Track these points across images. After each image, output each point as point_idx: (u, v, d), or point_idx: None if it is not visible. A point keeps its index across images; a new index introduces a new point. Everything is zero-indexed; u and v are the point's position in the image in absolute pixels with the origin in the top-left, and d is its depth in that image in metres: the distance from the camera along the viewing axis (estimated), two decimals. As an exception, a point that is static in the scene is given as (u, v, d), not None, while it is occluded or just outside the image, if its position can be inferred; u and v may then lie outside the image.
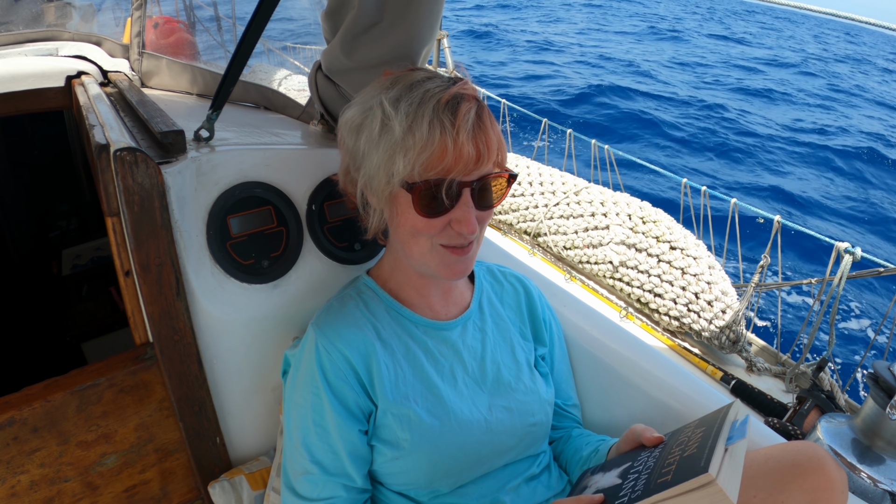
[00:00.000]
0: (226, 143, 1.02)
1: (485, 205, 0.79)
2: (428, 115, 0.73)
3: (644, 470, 0.68)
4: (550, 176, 2.97)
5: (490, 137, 0.76)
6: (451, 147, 0.73)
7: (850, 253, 1.93)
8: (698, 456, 0.62)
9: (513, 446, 0.86)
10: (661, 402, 1.00)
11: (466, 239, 0.79)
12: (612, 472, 0.73)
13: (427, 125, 0.73)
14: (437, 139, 0.73)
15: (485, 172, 0.77)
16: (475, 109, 0.76)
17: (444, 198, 0.75)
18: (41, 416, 0.87)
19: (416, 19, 0.89)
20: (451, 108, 0.74)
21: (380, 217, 0.84)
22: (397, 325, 0.88)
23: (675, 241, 2.41)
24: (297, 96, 1.52)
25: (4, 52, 1.86)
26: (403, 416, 0.80)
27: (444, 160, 0.73)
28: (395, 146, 0.75)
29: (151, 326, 0.91)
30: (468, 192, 0.76)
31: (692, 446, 0.65)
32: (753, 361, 2.18)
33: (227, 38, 2.62)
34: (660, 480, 0.62)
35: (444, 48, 3.90)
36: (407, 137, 0.74)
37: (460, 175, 0.75)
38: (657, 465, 0.67)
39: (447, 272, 0.81)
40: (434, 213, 0.76)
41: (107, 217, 0.87)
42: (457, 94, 0.76)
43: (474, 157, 0.74)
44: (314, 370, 0.81)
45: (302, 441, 0.80)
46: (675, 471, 0.62)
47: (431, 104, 0.74)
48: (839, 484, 0.77)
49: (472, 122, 0.74)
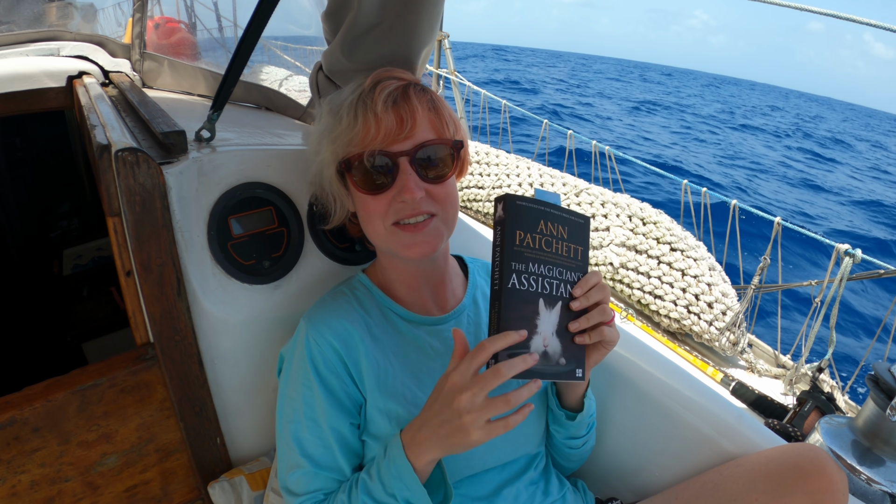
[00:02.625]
0: (227, 143, 1.02)
1: (432, 176, 0.80)
2: (352, 101, 0.80)
3: (559, 275, 0.75)
4: (551, 177, 2.97)
5: (414, 106, 0.78)
6: (372, 121, 0.77)
7: (851, 255, 1.93)
8: (573, 224, 0.77)
9: (504, 443, 0.86)
10: (660, 401, 1.00)
11: (414, 209, 0.79)
12: (542, 320, 0.73)
13: (352, 109, 0.79)
14: (360, 118, 0.78)
15: (419, 141, 0.78)
16: (400, 86, 0.80)
17: (381, 171, 0.79)
18: (42, 415, 0.87)
19: (417, 20, 0.89)
20: (371, 89, 0.80)
21: (341, 207, 0.89)
22: (388, 321, 0.88)
23: (675, 242, 2.42)
24: (299, 97, 1.52)
25: (6, 52, 1.86)
26: (392, 412, 0.80)
27: (367, 135, 0.78)
28: (328, 135, 0.82)
29: (152, 326, 0.92)
30: (406, 162, 0.78)
31: (559, 231, 0.75)
32: (754, 363, 2.18)
33: (228, 37, 2.62)
34: (579, 256, 0.78)
35: (444, 49, 3.90)
36: (335, 125, 0.81)
37: (388, 145, 0.78)
38: (561, 263, 0.75)
39: (407, 252, 0.81)
40: (376, 188, 0.79)
41: (108, 217, 0.87)
42: (380, 77, 0.82)
43: (395, 124, 0.77)
44: (305, 362, 0.81)
45: (293, 435, 0.81)
46: (576, 242, 0.77)
47: (358, 91, 0.81)
48: (840, 486, 0.77)
49: (391, 95, 0.78)
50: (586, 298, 0.74)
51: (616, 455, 1.08)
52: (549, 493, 0.90)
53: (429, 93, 0.82)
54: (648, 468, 1.04)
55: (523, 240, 0.72)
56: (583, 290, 0.75)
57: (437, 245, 0.82)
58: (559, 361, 0.73)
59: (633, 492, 1.05)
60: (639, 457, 1.05)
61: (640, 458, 1.05)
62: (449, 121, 0.82)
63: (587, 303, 0.74)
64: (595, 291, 0.75)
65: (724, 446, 0.93)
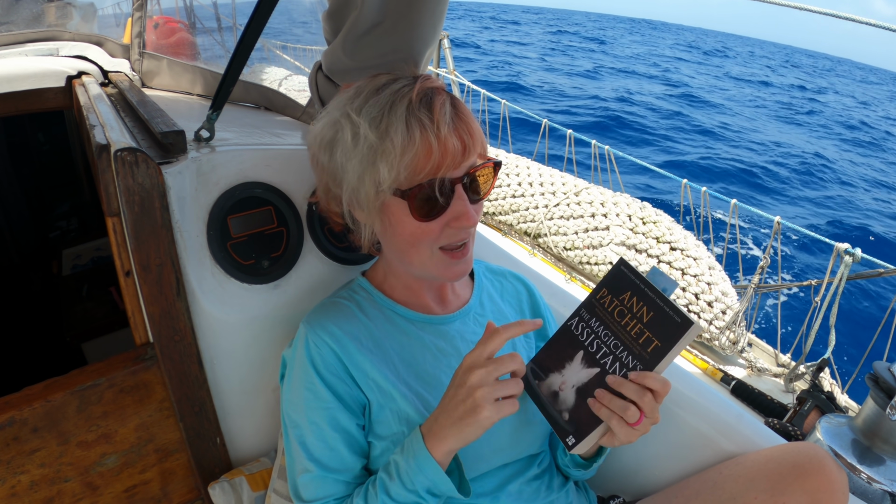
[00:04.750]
0: (226, 143, 1.02)
1: (476, 197, 0.79)
2: (402, 116, 0.71)
3: (614, 349, 0.73)
4: (551, 177, 2.97)
5: (472, 126, 0.74)
6: (436, 143, 0.70)
7: (851, 254, 1.93)
8: (664, 316, 0.70)
9: (509, 444, 0.86)
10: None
11: (466, 234, 0.79)
12: (572, 368, 0.76)
13: (404, 126, 0.70)
14: (419, 138, 0.70)
15: (471, 164, 0.76)
16: (449, 101, 0.74)
17: (438, 197, 0.74)
18: (41, 416, 0.87)
19: (419, 20, 0.89)
20: (425, 105, 0.72)
21: (370, 232, 0.83)
22: (391, 323, 0.88)
23: (675, 241, 2.42)
24: (298, 96, 1.52)
25: (5, 52, 1.86)
26: (397, 413, 0.80)
27: (430, 159, 0.71)
28: (374, 154, 0.72)
29: (152, 326, 0.91)
30: (461, 188, 0.75)
31: (641, 312, 0.72)
32: (753, 362, 2.18)
33: (228, 37, 2.62)
34: (649, 349, 0.70)
35: (444, 49, 3.90)
36: (385, 142, 0.71)
37: (450, 171, 0.73)
38: (623, 341, 0.72)
39: (448, 274, 0.81)
40: (431, 215, 0.75)
41: (107, 217, 0.87)
42: (426, 88, 0.73)
43: (461, 149, 0.72)
44: (306, 366, 0.81)
45: (299, 440, 0.80)
46: (656, 336, 0.70)
47: (404, 104, 0.72)
48: (840, 485, 0.77)
49: (449, 115, 0.72)
50: (622, 386, 0.70)
51: (617, 454, 1.08)
52: (551, 490, 0.90)
53: (465, 105, 0.77)
54: (649, 467, 1.04)
55: (603, 297, 0.76)
56: (620, 382, 0.70)
57: (471, 265, 0.83)
58: (563, 414, 0.75)
59: (634, 490, 1.05)
60: (639, 455, 1.05)
61: (640, 456, 1.05)
62: (483, 136, 0.78)
63: (620, 388, 0.70)
64: (637, 390, 0.69)
65: (723, 445, 0.93)
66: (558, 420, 0.75)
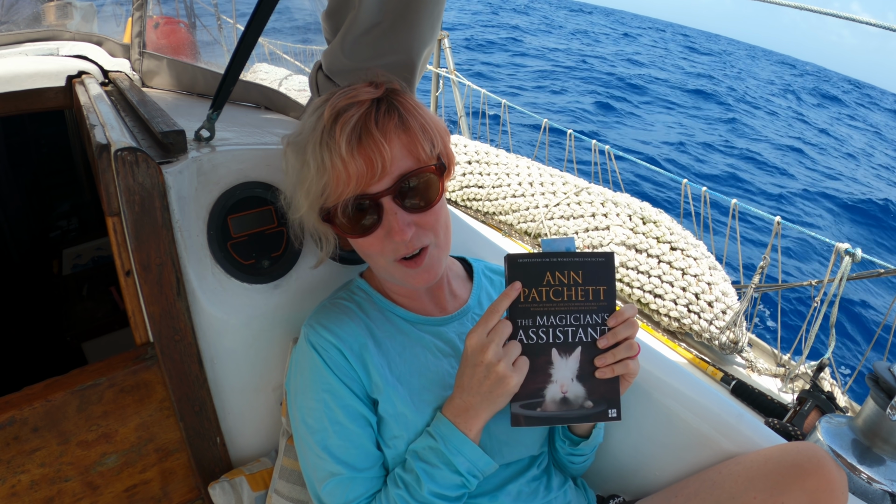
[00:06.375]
0: (226, 142, 1.02)
1: (418, 205, 0.76)
2: (314, 142, 0.74)
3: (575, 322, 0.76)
4: (551, 176, 2.97)
5: (378, 141, 0.71)
6: (340, 167, 0.71)
7: (851, 254, 1.93)
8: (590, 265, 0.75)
9: (508, 446, 0.86)
10: (660, 400, 1.00)
11: (408, 247, 0.77)
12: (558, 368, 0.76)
13: (316, 152, 0.73)
14: (328, 163, 0.72)
15: (397, 174, 0.74)
16: (361, 115, 0.72)
17: (365, 213, 0.75)
18: (42, 415, 0.87)
19: (417, 20, 0.89)
20: (331, 125, 0.72)
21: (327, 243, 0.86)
22: (391, 323, 0.88)
23: (675, 241, 2.42)
24: (298, 96, 1.52)
25: (5, 52, 1.86)
26: (399, 413, 0.80)
27: (339, 183, 0.73)
28: (300, 187, 0.77)
29: (152, 326, 0.91)
30: (389, 200, 0.74)
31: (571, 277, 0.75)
32: (753, 362, 2.18)
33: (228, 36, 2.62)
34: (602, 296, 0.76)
35: (444, 48, 3.90)
36: (304, 172, 0.76)
37: (364, 188, 0.73)
38: (577, 309, 0.75)
39: (412, 282, 0.81)
40: (364, 230, 0.77)
41: (107, 217, 0.87)
42: (339, 107, 0.73)
43: (365, 167, 0.71)
44: (320, 368, 0.81)
45: (322, 445, 0.79)
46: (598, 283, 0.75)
47: (319, 128, 0.73)
48: (839, 485, 0.77)
49: (353, 132, 0.71)
50: (613, 336, 0.75)
51: (617, 453, 1.08)
52: (550, 489, 0.91)
53: (396, 107, 0.75)
54: (649, 466, 1.04)
55: (528, 296, 0.75)
56: (609, 336, 0.75)
57: (438, 272, 0.82)
58: (584, 405, 0.75)
59: (634, 489, 1.05)
60: (639, 455, 1.05)
61: (640, 456, 1.05)
62: (422, 136, 0.75)
63: (614, 340, 0.75)
64: (623, 328, 0.75)
65: (723, 445, 0.93)
66: (586, 413, 0.76)
